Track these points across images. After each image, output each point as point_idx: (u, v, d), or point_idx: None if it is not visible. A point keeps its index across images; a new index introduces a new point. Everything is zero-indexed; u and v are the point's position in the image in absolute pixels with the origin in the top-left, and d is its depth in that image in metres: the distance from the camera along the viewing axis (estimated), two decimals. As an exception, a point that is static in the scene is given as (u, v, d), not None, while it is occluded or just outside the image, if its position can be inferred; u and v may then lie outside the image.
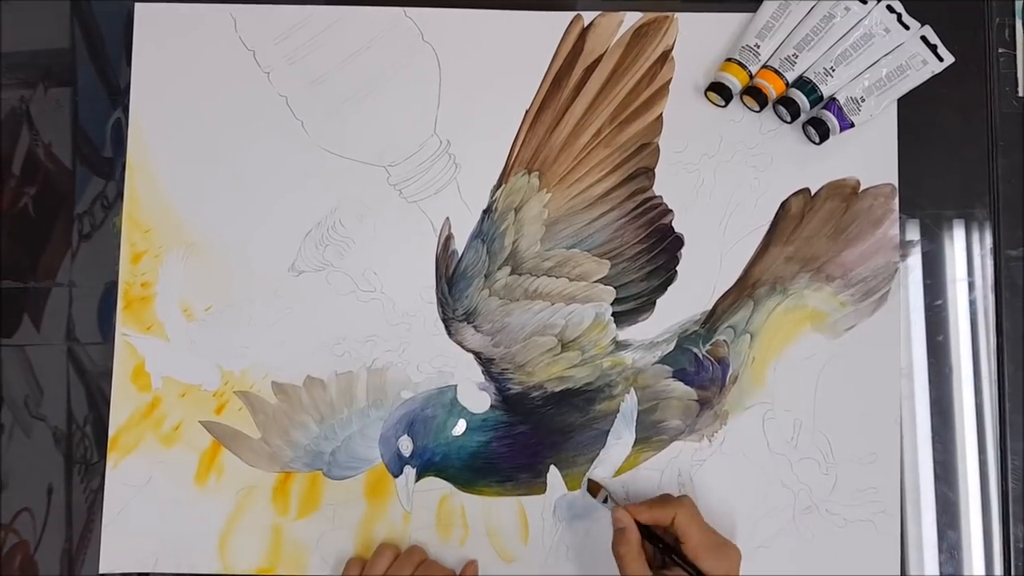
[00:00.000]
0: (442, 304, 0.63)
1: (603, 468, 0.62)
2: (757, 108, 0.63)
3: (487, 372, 0.62)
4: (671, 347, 0.62)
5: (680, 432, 0.62)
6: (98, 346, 0.63)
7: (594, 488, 0.60)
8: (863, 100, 0.61)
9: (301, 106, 0.64)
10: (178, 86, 0.64)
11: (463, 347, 0.62)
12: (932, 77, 0.62)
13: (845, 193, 0.63)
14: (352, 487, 0.62)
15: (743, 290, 0.63)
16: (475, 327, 0.62)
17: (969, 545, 0.61)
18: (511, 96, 0.64)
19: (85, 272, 0.64)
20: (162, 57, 0.65)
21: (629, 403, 0.62)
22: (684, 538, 0.55)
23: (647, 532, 0.57)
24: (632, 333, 0.62)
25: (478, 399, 0.62)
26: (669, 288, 0.63)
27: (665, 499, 0.58)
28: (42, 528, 0.62)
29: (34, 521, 0.62)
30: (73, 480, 0.63)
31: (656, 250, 0.63)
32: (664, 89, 0.64)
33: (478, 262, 0.62)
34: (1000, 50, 0.65)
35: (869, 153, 0.63)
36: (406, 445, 0.61)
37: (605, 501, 0.59)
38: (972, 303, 0.63)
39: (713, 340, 0.62)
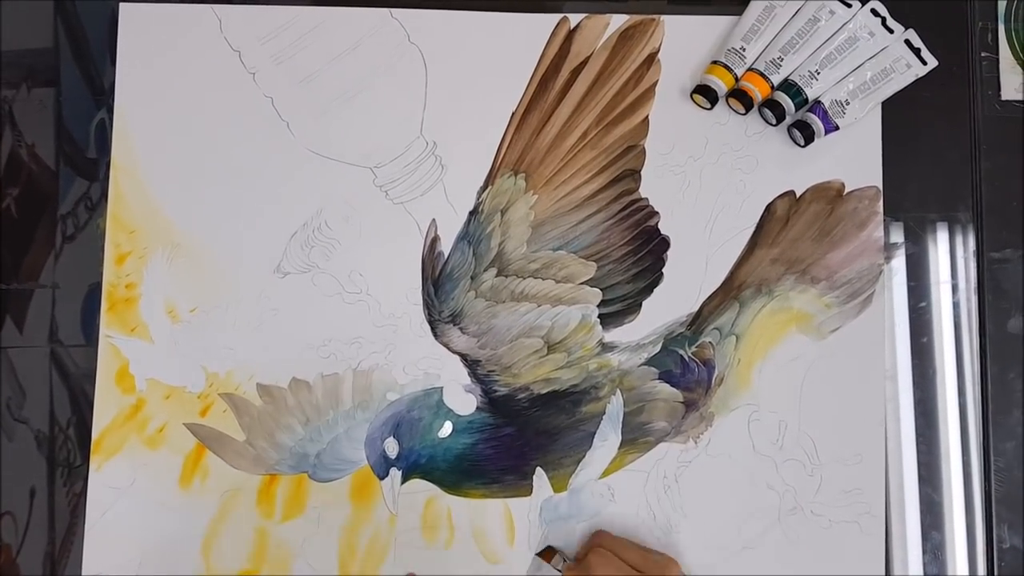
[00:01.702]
0: (428, 306, 0.62)
1: (589, 470, 0.62)
2: (743, 111, 0.63)
3: (473, 374, 0.62)
4: (657, 349, 0.62)
5: (666, 434, 0.62)
6: (81, 348, 0.63)
7: (548, 555, 0.60)
8: (848, 103, 0.61)
9: (287, 107, 0.64)
10: (163, 86, 0.64)
11: (449, 349, 0.62)
12: (916, 80, 0.63)
13: (830, 196, 0.64)
14: (337, 489, 0.61)
15: (729, 292, 0.63)
16: (461, 329, 0.62)
17: (953, 546, 0.62)
18: (497, 98, 0.64)
19: (68, 274, 0.63)
20: (147, 57, 0.64)
21: (615, 405, 0.62)
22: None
23: None
24: (618, 335, 0.63)
25: (464, 401, 0.62)
26: (655, 290, 0.63)
27: (586, 549, 0.58)
28: (24, 532, 0.62)
29: (16, 525, 0.62)
30: (56, 483, 0.62)
31: (642, 252, 0.63)
32: (650, 91, 0.64)
33: (464, 264, 0.62)
34: (983, 54, 0.65)
35: (854, 156, 0.64)
36: (392, 447, 0.61)
37: (559, 566, 0.59)
38: (956, 305, 0.64)
39: (699, 342, 0.63)
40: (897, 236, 0.64)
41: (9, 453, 0.62)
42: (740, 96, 0.62)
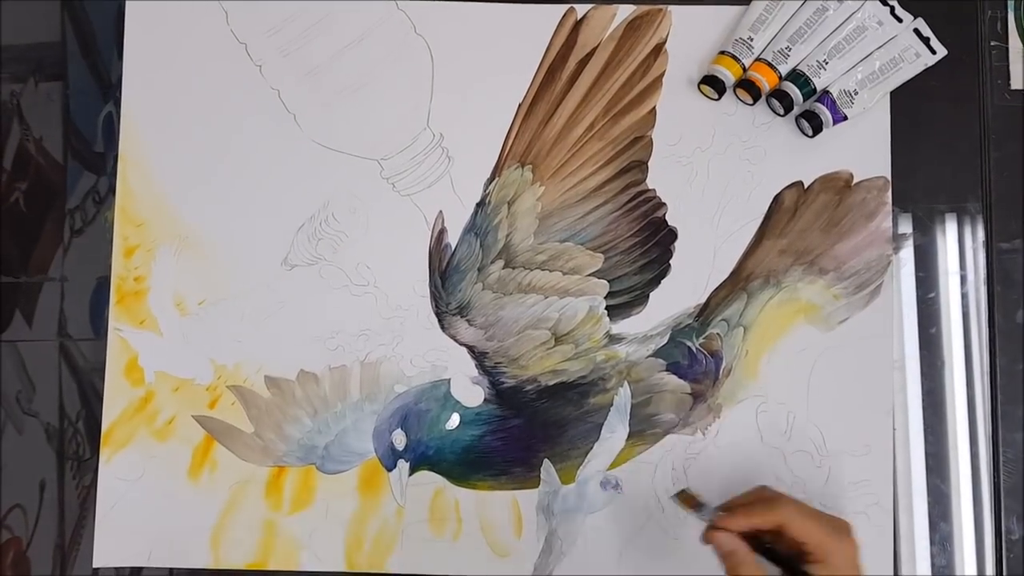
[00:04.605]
0: (435, 298, 0.63)
1: (597, 462, 0.62)
2: (750, 101, 0.63)
3: (480, 366, 0.62)
4: (664, 340, 0.62)
5: (674, 425, 0.62)
6: (90, 341, 0.63)
7: (687, 500, 0.55)
8: (856, 93, 0.61)
9: (293, 99, 0.64)
10: (170, 79, 0.64)
11: (456, 341, 0.62)
12: (925, 70, 0.62)
13: (838, 186, 0.63)
14: (345, 481, 0.62)
15: (736, 283, 0.63)
16: (468, 321, 0.62)
17: (961, 537, 0.61)
18: (504, 89, 0.64)
19: (77, 267, 0.64)
20: (154, 50, 0.64)
21: (623, 396, 0.62)
22: (805, 538, 0.50)
23: (749, 539, 0.52)
24: (626, 326, 0.62)
25: (472, 393, 0.62)
26: (662, 281, 0.63)
27: (762, 501, 0.53)
28: (34, 524, 0.62)
29: (26, 517, 0.62)
30: (65, 476, 0.62)
31: (649, 243, 0.63)
32: (657, 82, 0.64)
33: (471, 256, 0.62)
34: (992, 43, 0.65)
35: (862, 146, 0.63)
36: (400, 439, 0.61)
37: (699, 509, 0.54)
38: (964, 296, 0.63)
39: (706, 333, 0.62)
40: (906, 227, 0.64)
41: (19, 446, 0.63)
42: (748, 86, 0.62)
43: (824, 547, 0.50)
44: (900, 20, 0.62)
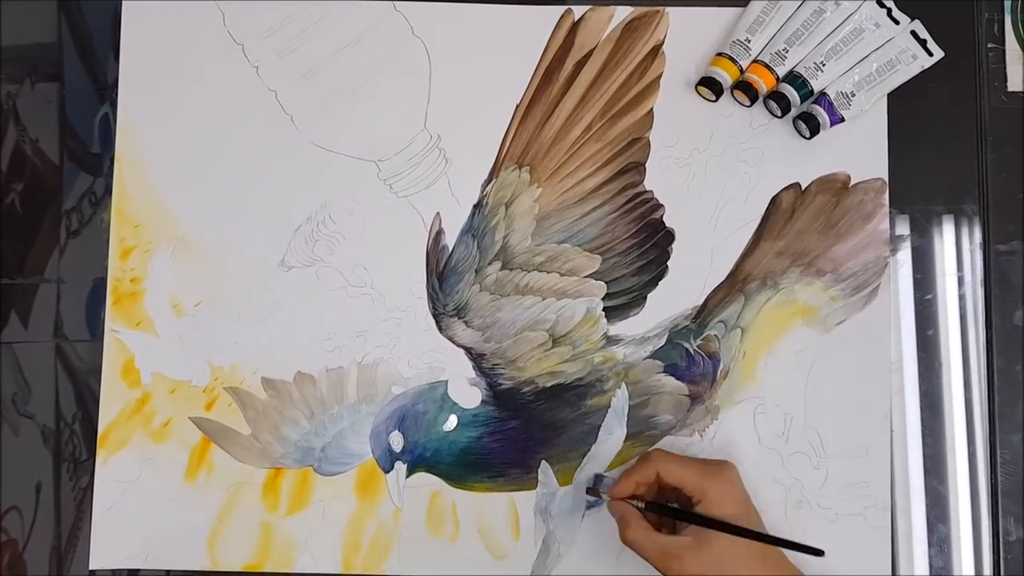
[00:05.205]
0: (433, 299, 0.62)
1: (594, 463, 0.61)
2: (748, 103, 0.63)
3: (478, 367, 0.62)
4: (662, 342, 0.62)
5: (671, 427, 0.62)
6: (86, 343, 0.63)
7: (591, 492, 0.60)
8: (853, 95, 0.61)
9: (291, 100, 0.64)
10: (166, 80, 0.64)
11: (454, 342, 0.62)
12: (922, 72, 0.62)
13: (835, 188, 0.63)
14: (342, 483, 0.61)
15: (734, 285, 0.63)
16: (466, 322, 0.62)
17: (958, 538, 0.61)
18: (501, 90, 0.64)
19: (73, 268, 0.64)
20: (150, 51, 0.64)
21: (620, 398, 0.62)
22: (679, 483, 0.54)
23: (646, 503, 0.56)
24: (623, 328, 0.62)
25: (469, 394, 0.62)
26: (660, 283, 0.63)
27: (639, 460, 0.56)
28: (31, 527, 0.62)
29: (22, 519, 0.62)
30: (62, 478, 0.62)
31: (647, 245, 0.63)
32: (655, 84, 0.64)
33: (468, 257, 0.62)
34: (989, 45, 0.65)
35: (859, 148, 0.63)
36: (397, 440, 0.61)
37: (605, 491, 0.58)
38: (962, 297, 0.63)
39: (704, 335, 0.62)
40: (903, 228, 0.64)
41: (15, 448, 0.62)
42: (745, 88, 0.62)
43: (699, 487, 0.54)
44: (897, 22, 0.62)
